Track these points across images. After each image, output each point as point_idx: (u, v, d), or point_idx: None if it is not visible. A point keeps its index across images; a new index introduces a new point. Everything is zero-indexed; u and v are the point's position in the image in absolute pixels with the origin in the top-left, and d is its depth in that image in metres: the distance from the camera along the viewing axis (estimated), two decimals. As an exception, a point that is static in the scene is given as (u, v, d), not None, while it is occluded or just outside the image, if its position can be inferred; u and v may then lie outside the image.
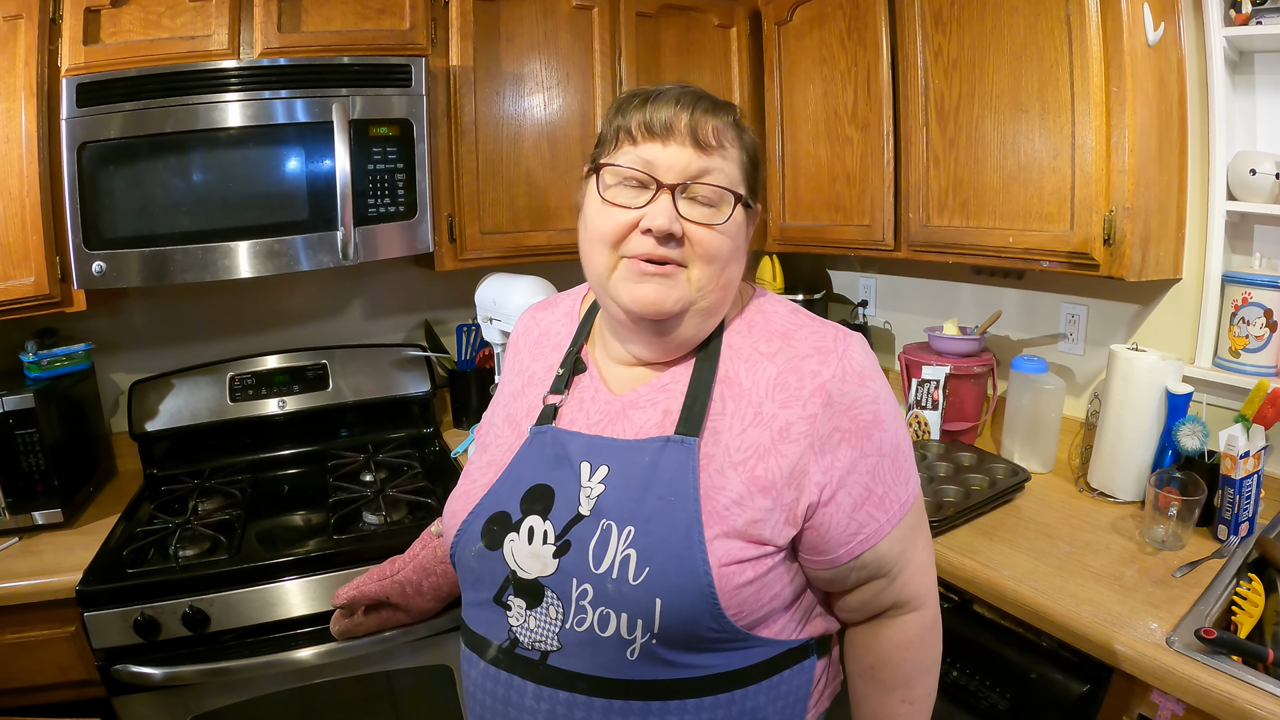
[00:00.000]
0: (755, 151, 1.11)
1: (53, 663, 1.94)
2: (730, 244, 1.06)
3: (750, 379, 1.08)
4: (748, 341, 1.12)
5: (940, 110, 2.23)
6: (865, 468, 1.06)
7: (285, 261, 2.18)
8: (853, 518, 1.05)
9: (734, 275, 1.10)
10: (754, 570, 1.01)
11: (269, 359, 2.65)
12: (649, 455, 1.04)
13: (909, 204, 2.36)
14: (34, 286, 2.08)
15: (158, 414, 2.51)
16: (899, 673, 1.17)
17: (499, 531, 1.08)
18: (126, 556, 1.98)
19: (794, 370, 1.06)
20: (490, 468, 1.17)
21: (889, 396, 1.09)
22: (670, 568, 0.97)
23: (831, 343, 1.08)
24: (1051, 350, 2.51)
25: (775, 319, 1.14)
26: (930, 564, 1.18)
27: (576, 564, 1.01)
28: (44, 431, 2.12)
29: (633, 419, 1.10)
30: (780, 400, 1.05)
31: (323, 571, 2.00)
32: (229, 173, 2.13)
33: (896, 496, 1.08)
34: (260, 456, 2.63)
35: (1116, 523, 1.95)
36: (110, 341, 2.61)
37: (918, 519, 1.14)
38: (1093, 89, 1.84)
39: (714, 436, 1.05)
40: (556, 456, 1.10)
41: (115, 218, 2.06)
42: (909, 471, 1.11)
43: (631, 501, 1.02)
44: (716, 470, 1.03)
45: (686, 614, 0.97)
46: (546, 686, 1.02)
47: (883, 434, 1.07)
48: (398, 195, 2.27)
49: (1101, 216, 1.86)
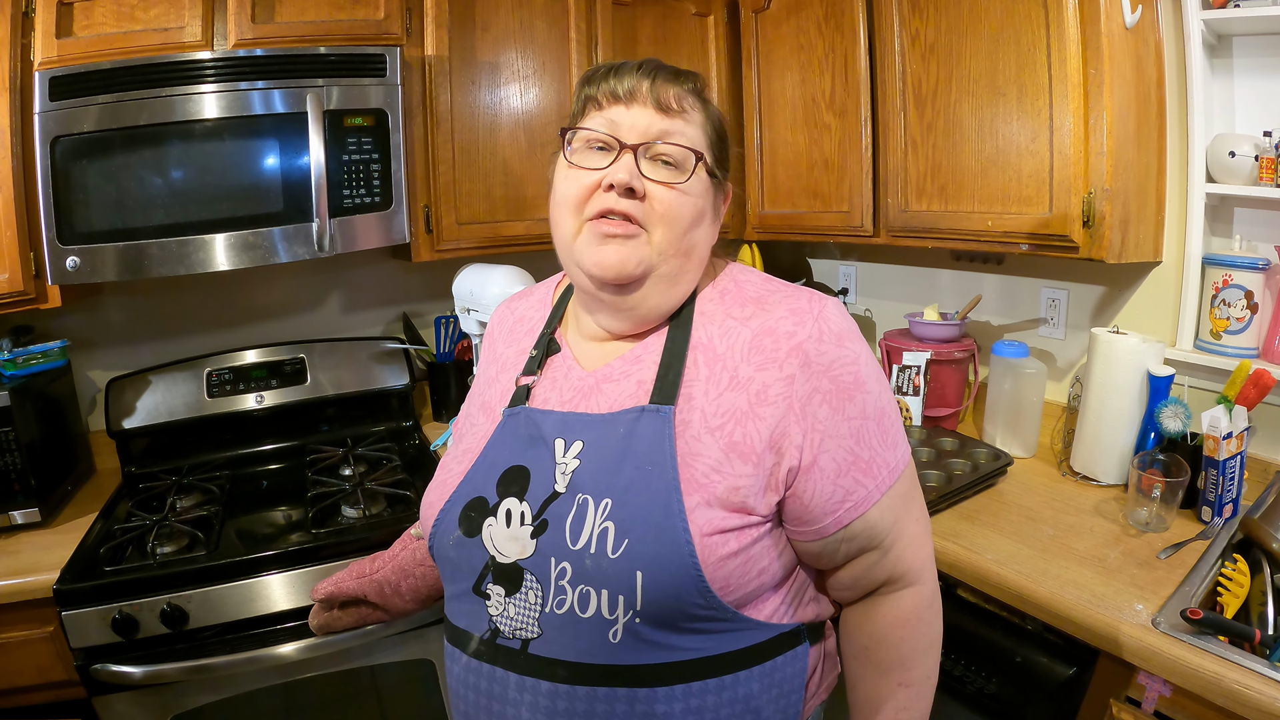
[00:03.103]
0: (720, 124, 1.12)
1: (31, 664, 1.92)
2: (692, 206, 1.06)
3: (725, 343, 1.06)
4: (720, 308, 1.11)
5: (918, 95, 2.23)
6: (848, 430, 1.03)
7: (261, 254, 2.17)
8: (837, 484, 1.02)
9: (698, 241, 1.09)
10: (738, 541, 0.99)
11: (247, 354, 2.63)
12: (624, 426, 1.03)
13: (887, 189, 2.36)
14: (8, 283, 2.07)
15: (135, 411, 2.49)
16: (895, 653, 1.13)
17: (476, 518, 1.07)
18: (104, 554, 1.96)
19: (769, 332, 1.05)
20: (465, 455, 1.16)
21: (870, 360, 1.07)
22: (650, 537, 0.95)
23: (807, 304, 1.06)
24: (1032, 335, 2.51)
25: (749, 287, 1.13)
26: (926, 537, 1.15)
27: (554, 542, 1.00)
28: (20, 430, 2.11)
29: (606, 393, 1.09)
30: (756, 363, 1.03)
31: (301, 566, 1.98)
32: (204, 165, 2.11)
33: (884, 462, 1.05)
34: (239, 452, 2.61)
35: (1100, 506, 1.96)
36: (87, 338, 2.59)
37: (909, 488, 1.11)
38: (1070, 72, 1.84)
39: (689, 403, 1.04)
40: (531, 436, 1.09)
41: (89, 212, 2.05)
42: (897, 437, 1.08)
43: (608, 474, 1.01)
44: (694, 436, 1.01)
45: (669, 587, 0.95)
46: (528, 677, 1.00)
47: (865, 396, 1.04)
48: (373, 186, 2.25)
49: (1080, 198, 1.86)
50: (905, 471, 1.08)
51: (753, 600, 1.03)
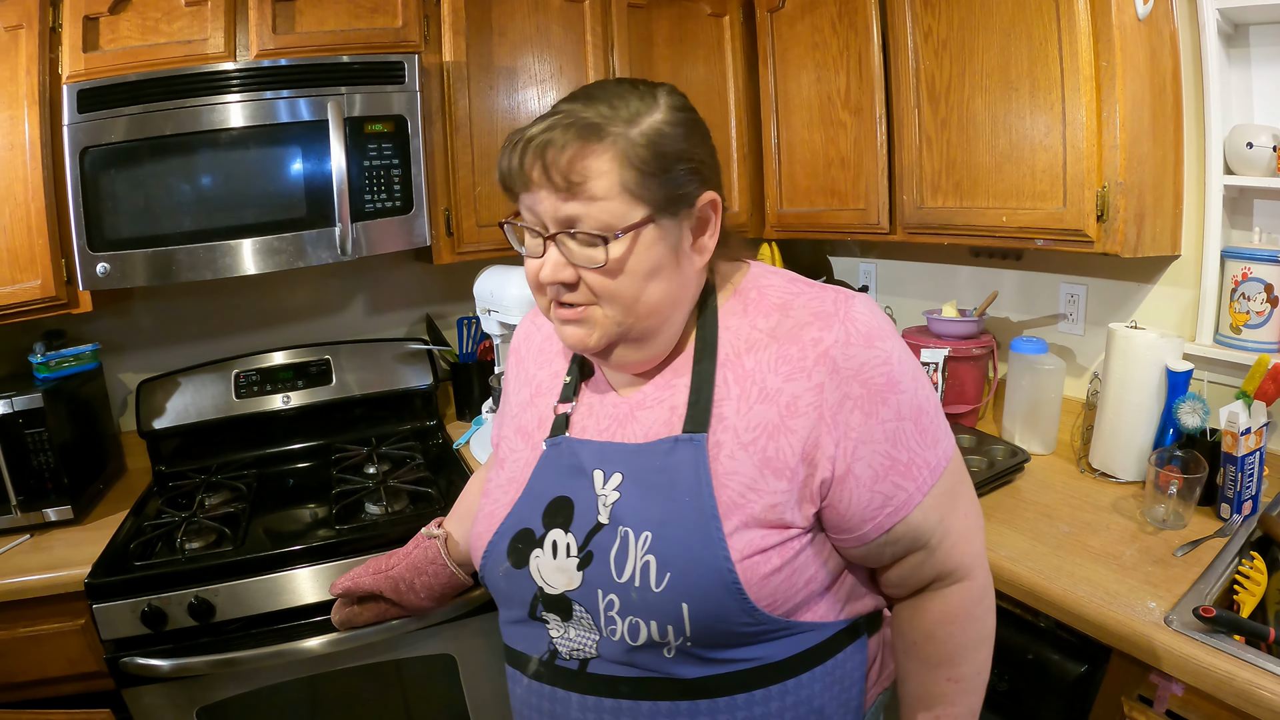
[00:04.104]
0: (655, 147, 0.96)
1: (63, 655, 1.98)
2: (631, 278, 0.99)
3: (752, 358, 1.03)
4: (744, 321, 1.07)
5: (931, 91, 2.22)
6: (883, 434, 0.99)
7: (286, 258, 2.21)
8: (875, 490, 0.99)
9: (661, 294, 1.01)
10: (779, 556, 0.98)
11: (273, 356, 2.67)
12: (659, 458, 1.02)
13: (903, 186, 2.35)
14: (40, 289, 2.13)
15: (165, 412, 2.55)
16: (943, 649, 1.11)
17: (524, 549, 1.07)
18: (134, 550, 2.01)
19: (794, 340, 1.01)
20: (510, 485, 1.16)
21: (904, 356, 1.02)
22: (692, 571, 0.95)
23: (832, 306, 1.02)
24: (1051, 331, 2.49)
25: (771, 293, 1.09)
26: (975, 531, 1.11)
27: (600, 574, 1.00)
28: (53, 431, 2.16)
29: (641, 420, 1.08)
30: (784, 374, 1.00)
31: (325, 561, 2.03)
32: (229, 172, 2.16)
33: (925, 462, 1.02)
34: (266, 451, 2.66)
35: (1117, 502, 1.94)
36: (118, 342, 2.65)
37: (955, 483, 1.07)
38: (1082, 64, 1.82)
39: (721, 423, 1.01)
40: (572, 467, 1.09)
41: (118, 220, 2.10)
42: (937, 433, 1.04)
43: (646, 507, 1.00)
44: (728, 456, 1.00)
45: (716, 614, 0.95)
46: (590, 695, 1.02)
47: (900, 396, 1.00)
48: (394, 190, 2.28)
49: (1094, 193, 1.85)
50: (949, 468, 1.05)
51: (804, 607, 1.03)
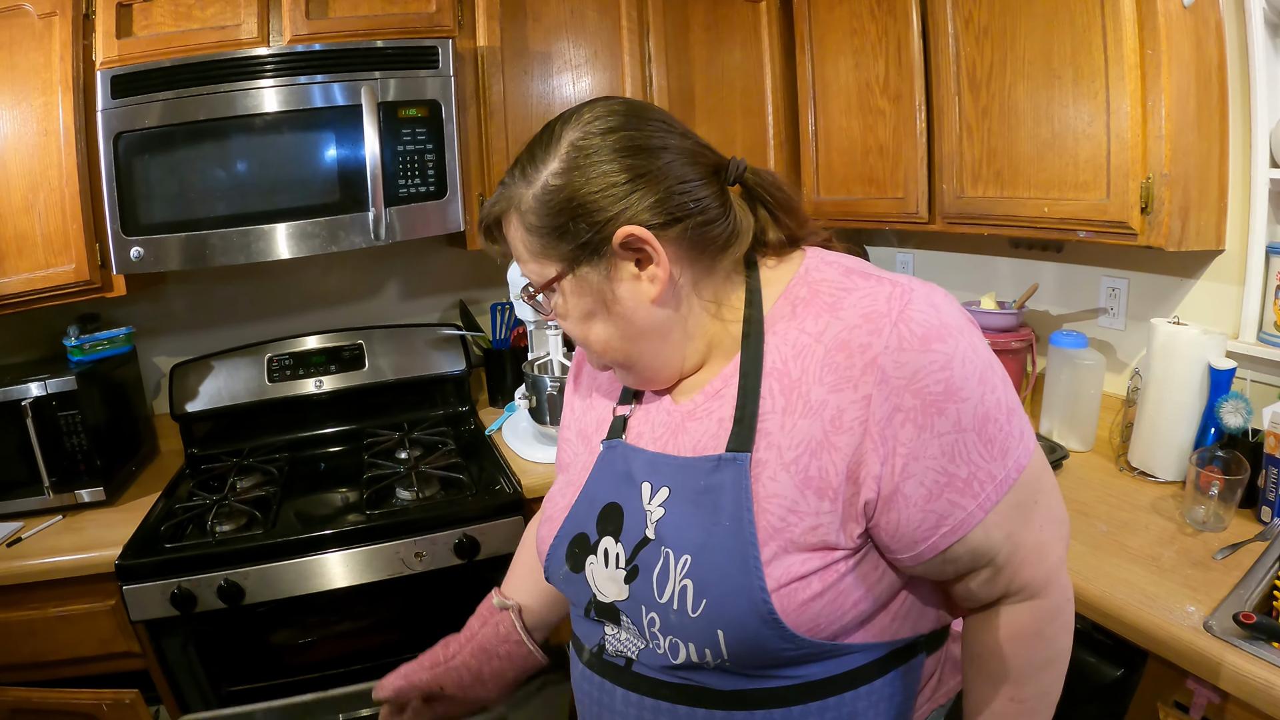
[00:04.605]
0: (544, 207, 0.97)
1: (93, 635, 2.00)
2: (573, 324, 1.03)
3: (799, 366, 0.95)
4: (793, 325, 0.98)
5: (972, 79, 2.17)
6: (939, 449, 0.89)
7: (319, 243, 2.21)
8: (928, 510, 0.90)
9: (607, 336, 1.02)
10: (821, 582, 0.91)
11: (307, 340, 2.69)
12: (702, 477, 0.97)
13: (942, 175, 2.31)
14: (75, 273, 2.15)
15: (198, 395, 2.57)
16: (1007, 666, 1.03)
17: (580, 554, 1.06)
18: (165, 532, 2.03)
19: (842, 346, 0.92)
20: (569, 488, 1.13)
21: (968, 356, 0.90)
22: (727, 599, 0.91)
23: (885, 305, 0.92)
24: (1092, 325, 2.44)
25: (823, 290, 0.98)
26: (1053, 544, 1.00)
27: (643, 591, 0.98)
28: (86, 413, 2.18)
29: (690, 432, 1.02)
30: (830, 384, 0.92)
31: (356, 545, 2.04)
32: (262, 157, 2.16)
33: (989, 476, 0.91)
34: (298, 435, 2.68)
35: (1156, 503, 1.90)
36: (152, 326, 2.67)
37: (1029, 494, 0.96)
38: (1126, 53, 1.78)
39: (766, 439, 0.95)
40: (625, 474, 1.06)
41: (152, 204, 2.11)
42: (1007, 441, 0.92)
43: (687, 528, 0.96)
44: (770, 477, 0.93)
45: (752, 640, 0.91)
46: (634, 692, 1.01)
47: (960, 405, 0.89)
48: (428, 175, 2.27)
49: (1138, 184, 1.80)
50: (1021, 479, 0.93)
51: (853, 630, 0.96)
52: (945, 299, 0.95)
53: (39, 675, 2.01)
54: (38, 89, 2.07)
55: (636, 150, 0.96)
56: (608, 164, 0.95)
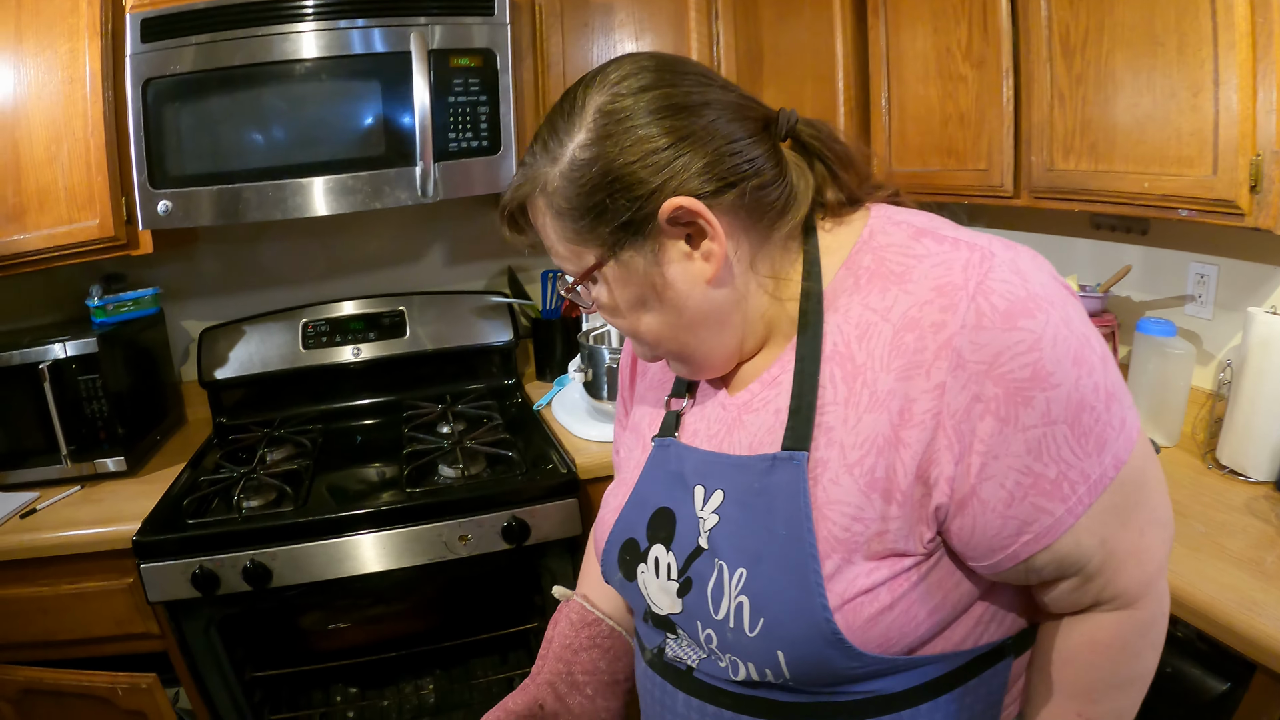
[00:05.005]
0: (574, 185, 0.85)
1: (109, 614, 1.92)
2: (624, 314, 0.92)
3: (864, 350, 0.83)
4: (856, 299, 0.86)
5: (1065, 44, 2.02)
6: (1024, 445, 0.77)
7: (361, 199, 2.10)
8: (1009, 515, 0.79)
9: (660, 326, 0.91)
10: (890, 593, 0.82)
11: (344, 305, 2.57)
12: (757, 479, 0.87)
13: (1030, 146, 2.15)
14: (99, 229, 2.06)
15: (228, 361, 2.47)
16: (1082, 679, 0.92)
17: (631, 561, 0.99)
18: (188, 506, 1.92)
19: (912, 325, 0.80)
20: (620, 488, 1.06)
21: (1061, 332, 0.77)
22: (786, 618, 0.83)
23: (961, 275, 0.80)
24: (1177, 313, 2.29)
25: (891, 255, 0.86)
26: (1154, 549, 0.87)
27: (698, 606, 0.90)
28: (108, 378, 2.09)
29: (747, 426, 0.92)
30: (898, 370, 0.80)
31: (394, 526, 1.91)
32: (302, 106, 2.06)
33: (1082, 475, 0.78)
34: (333, 406, 2.57)
35: (1250, 503, 1.76)
36: (181, 288, 2.58)
37: (1130, 493, 0.83)
38: (1237, 20, 1.62)
39: (827, 435, 0.84)
40: (676, 475, 0.97)
41: (182, 155, 2.03)
42: (1105, 432, 0.78)
43: (743, 537, 0.87)
44: (831, 480, 0.83)
45: (815, 661, 0.83)
46: (695, 698, 0.95)
47: (1051, 393, 0.76)
48: (480, 129, 2.14)
49: (1248, 160, 1.65)
50: (1120, 477, 0.80)
51: (929, 640, 0.87)
52: (1034, 263, 0.82)
53: (51, 654, 1.93)
54: (64, 35, 1.98)
55: (676, 109, 0.84)
56: (645, 128, 0.83)
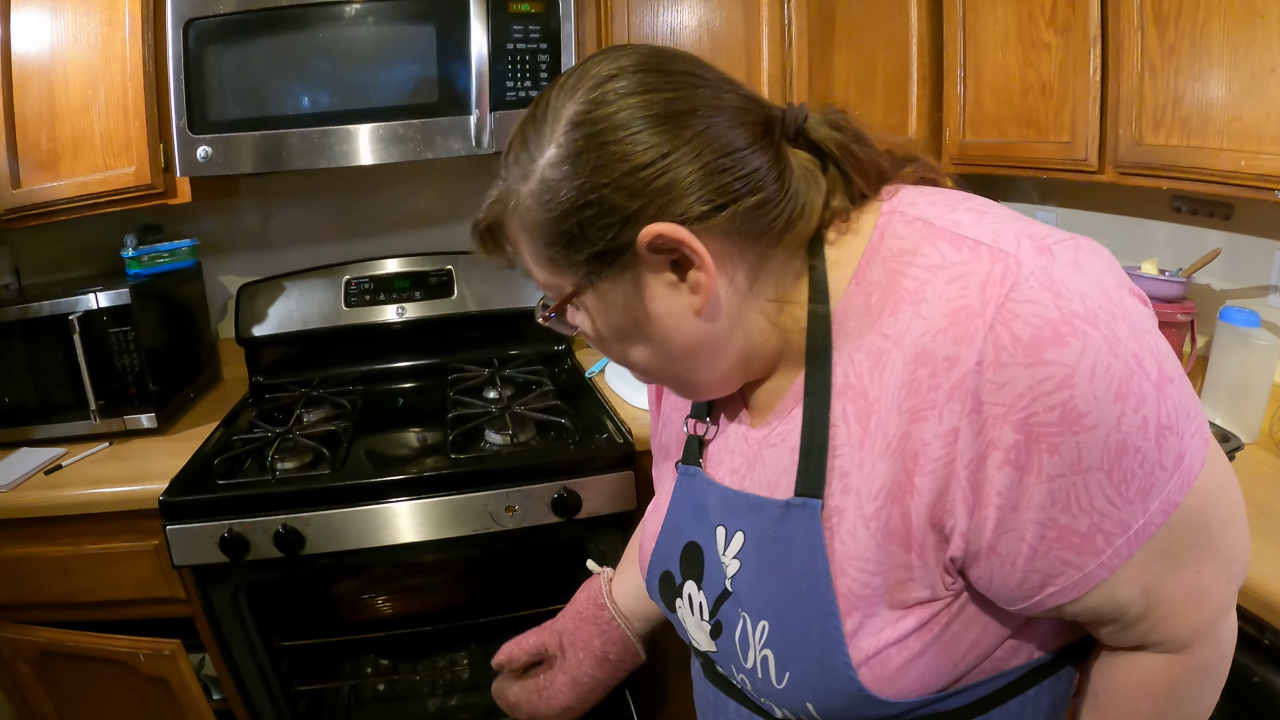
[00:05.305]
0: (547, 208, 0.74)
1: (133, 577, 1.84)
2: (609, 344, 0.82)
3: (876, 383, 0.73)
4: (867, 323, 0.74)
5: (1158, 13, 1.91)
6: (1046, 497, 0.66)
7: (412, 147, 1.99)
8: (1031, 569, 0.70)
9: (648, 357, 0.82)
10: (920, 641, 0.75)
11: (389, 263, 2.47)
12: (772, 526, 0.80)
13: (1118, 119, 2.03)
14: (135, 176, 2.01)
15: (267, 318, 2.38)
16: (1123, 717, 0.82)
17: (669, 594, 0.95)
18: (219, 466, 1.83)
19: (924, 359, 0.69)
20: (656, 513, 1.01)
21: (1101, 360, 0.64)
22: (811, 673, 0.77)
23: (978, 298, 0.66)
24: (1260, 304, 2.15)
25: (902, 265, 0.73)
26: (1213, 589, 0.74)
27: (729, 651, 0.86)
28: (140, 331, 2.01)
29: (767, 462, 0.84)
30: (910, 410, 0.70)
31: (436, 494, 1.80)
32: (350, 49, 1.97)
33: (1120, 525, 0.67)
34: (375, 367, 2.46)
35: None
36: (220, 243, 2.51)
37: (1185, 535, 0.70)
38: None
39: (842, 480, 0.76)
40: (702, 509, 0.90)
41: (223, 99, 1.95)
42: (1153, 475, 0.66)
43: (763, 586, 0.81)
44: (849, 532, 0.75)
45: (845, 713, 0.77)
46: (745, 707, 0.90)
47: (1083, 436, 0.64)
48: (540, 79, 2.03)
49: (1354, 141, 1.55)
50: (1173, 521, 0.68)
51: (973, 670, 0.79)
52: (1076, 267, 0.67)
53: (72, 616, 1.87)
54: (102, -26, 1.90)
55: (659, 119, 0.72)
56: (621, 143, 0.71)
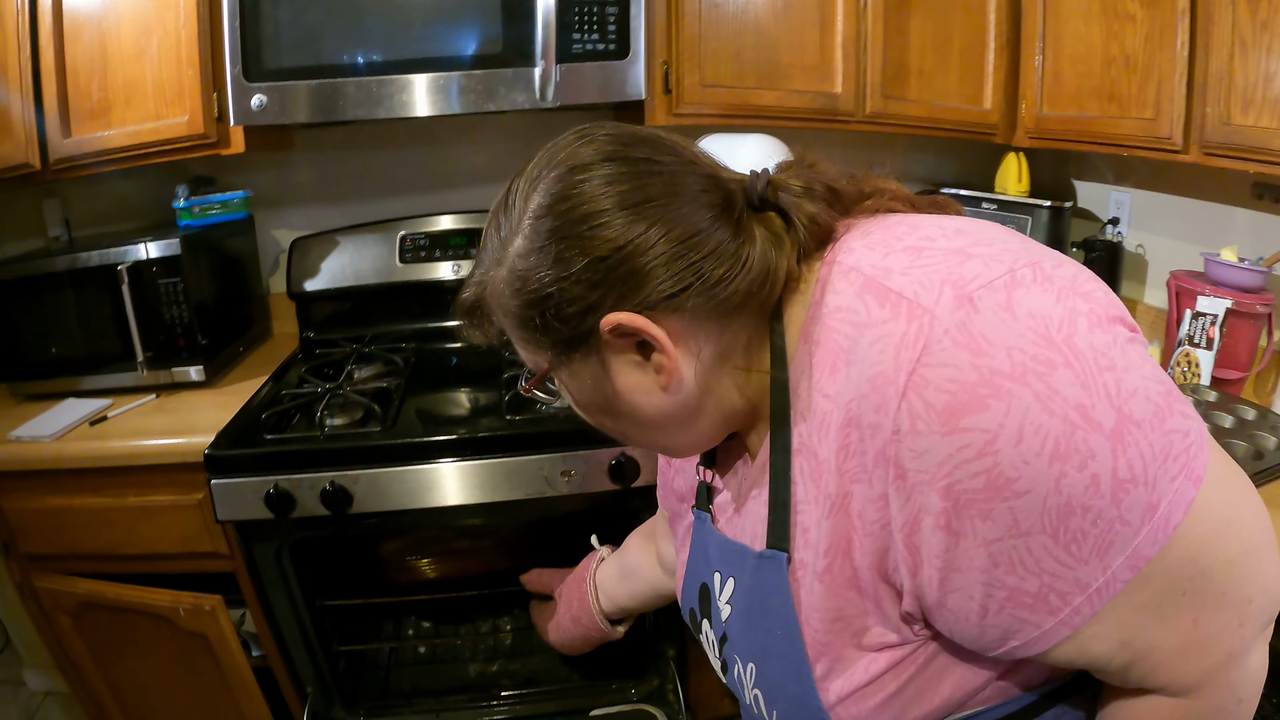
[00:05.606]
0: (520, 294, 0.77)
1: (176, 531, 1.82)
2: (585, 414, 0.87)
3: (825, 445, 0.73)
4: (811, 383, 0.75)
5: (1252, -14, 1.80)
6: (986, 559, 0.64)
7: (474, 99, 1.93)
8: (987, 625, 0.68)
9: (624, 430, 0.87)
10: (897, 679, 0.75)
11: (444, 219, 2.41)
12: (750, 574, 0.85)
13: (1205, 97, 1.92)
14: (188, 125, 1.97)
15: (319, 273, 2.33)
16: None
17: (696, 629, 1.01)
18: (266, 421, 1.79)
19: (853, 423, 0.69)
20: (680, 551, 1.06)
21: (1032, 423, 0.61)
22: (795, 713, 0.81)
23: (892, 364, 0.65)
24: (1337, 300, 2.06)
25: (837, 323, 0.72)
26: (1219, 637, 0.68)
27: (735, 686, 0.91)
28: (190, 283, 1.98)
29: (749, 513, 0.88)
30: (847, 472, 0.71)
31: (489, 456, 1.74)
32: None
33: (1077, 585, 0.64)
34: (428, 325, 2.39)
35: None
36: (273, 196, 2.47)
37: (1174, 584, 0.65)
38: None
39: (803, 535, 0.77)
40: (707, 555, 0.96)
41: (279, 47, 1.90)
42: (1111, 533, 0.62)
43: (748, 632, 0.86)
44: (809, 586, 0.77)
45: None
46: None
47: (1014, 502, 0.62)
48: (608, 31, 1.95)
49: None
50: (1147, 572, 0.64)
51: (968, 701, 0.76)
52: (1004, 314, 0.64)
53: (113, 568, 1.87)
54: (157, -80, 1.88)
55: (618, 210, 0.74)
56: (580, 238, 0.74)
